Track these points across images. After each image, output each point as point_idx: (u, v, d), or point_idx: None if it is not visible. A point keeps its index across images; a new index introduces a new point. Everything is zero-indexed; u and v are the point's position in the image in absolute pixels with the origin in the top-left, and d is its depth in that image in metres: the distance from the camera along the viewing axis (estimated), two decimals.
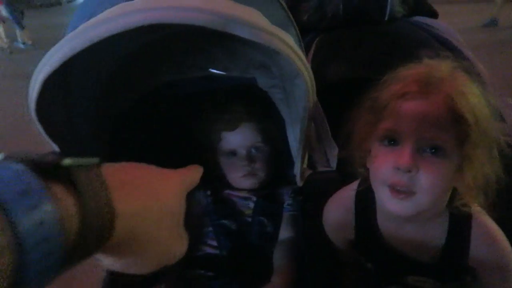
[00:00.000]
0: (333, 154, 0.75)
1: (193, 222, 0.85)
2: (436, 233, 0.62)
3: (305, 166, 0.72)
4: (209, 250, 0.81)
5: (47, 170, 0.26)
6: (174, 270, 0.78)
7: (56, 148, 0.54)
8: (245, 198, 0.87)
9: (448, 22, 0.95)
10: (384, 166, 0.58)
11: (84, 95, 0.67)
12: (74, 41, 0.42)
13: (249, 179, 0.87)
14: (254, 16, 0.46)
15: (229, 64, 0.87)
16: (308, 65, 0.54)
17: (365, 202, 0.67)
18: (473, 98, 0.54)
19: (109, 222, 0.29)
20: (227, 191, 0.88)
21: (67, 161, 0.27)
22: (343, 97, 0.78)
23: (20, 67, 5.02)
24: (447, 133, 0.54)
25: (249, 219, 0.84)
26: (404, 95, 0.56)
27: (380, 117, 0.60)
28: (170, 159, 0.91)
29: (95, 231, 0.28)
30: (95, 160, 0.30)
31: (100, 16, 0.44)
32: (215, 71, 0.89)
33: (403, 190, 0.56)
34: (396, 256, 0.64)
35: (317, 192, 0.76)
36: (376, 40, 0.91)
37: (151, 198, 0.34)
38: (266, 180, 0.89)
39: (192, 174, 0.45)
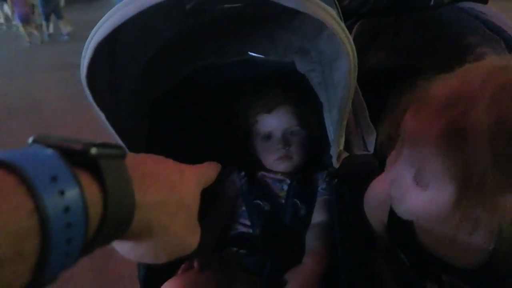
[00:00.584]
0: (371, 138, 0.73)
1: (227, 202, 0.87)
2: (477, 238, 0.55)
3: (341, 148, 0.71)
4: (242, 229, 0.82)
5: (74, 158, 0.26)
6: (208, 247, 0.80)
7: (103, 116, 0.56)
8: (279, 181, 0.88)
9: None
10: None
11: (127, 71, 0.70)
12: (125, 8, 0.44)
13: (283, 162, 0.87)
14: None
15: (269, 49, 0.88)
16: (351, 40, 0.53)
17: None
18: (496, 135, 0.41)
19: (130, 213, 0.29)
20: (261, 173, 0.89)
21: (94, 150, 0.27)
22: (382, 83, 0.77)
23: (62, 58, 5.27)
24: (438, 166, 0.45)
25: (283, 201, 0.84)
26: (416, 110, 0.50)
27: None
28: (206, 141, 0.94)
29: (116, 220, 0.28)
30: (120, 150, 0.30)
31: None
32: (254, 54, 0.90)
33: None
34: (428, 255, 0.60)
35: (353, 175, 0.76)
36: (419, 26, 0.88)
37: (169, 192, 0.35)
38: (301, 164, 0.89)
39: (209, 171, 0.47)
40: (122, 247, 0.34)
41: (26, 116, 3.28)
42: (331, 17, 0.48)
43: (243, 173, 0.89)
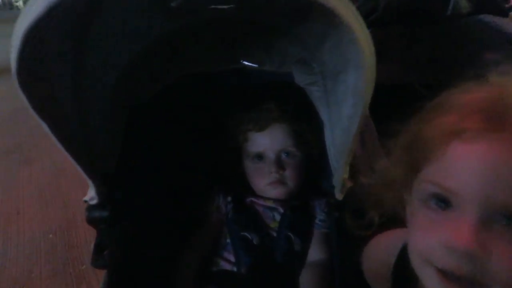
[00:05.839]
0: (380, 164, 0.63)
1: (210, 230, 0.77)
2: None
3: (346, 176, 0.60)
4: (226, 265, 0.72)
5: None
6: (186, 284, 0.69)
7: (46, 127, 0.44)
8: (271, 209, 0.77)
9: None
10: (430, 240, 0.41)
11: (100, 76, 0.61)
12: None
13: (276, 187, 0.77)
14: None
15: (264, 58, 0.80)
16: (370, 38, 0.43)
17: (408, 265, 0.48)
18: None
19: None
20: (250, 199, 0.79)
21: None
22: (392, 101, 0.68)
23: None
24: None
25: (274, 234, 0.74)
26: (462, 133, 0.39)
27: (423, 161, 0.43)
28: (189, 160, 0.84)
29: None
30: None
31: None
32: (247, 63, 0.81)
33: (462, 279, 0.39)
34: None
35: (358, 209, 0.65)
36: (435, 39, 0.80)
37: None
38: (296, 190, 0.79)
39: None
40: None
41: None
42: (345, 7, 0.38)
43: (229, 198, 0.78)
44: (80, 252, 1.43)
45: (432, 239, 0.41)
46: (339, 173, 0.60)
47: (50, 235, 1.52)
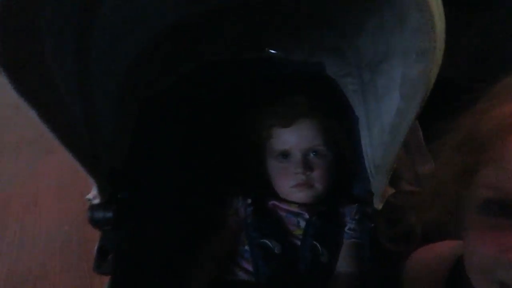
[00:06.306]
0: (425, 169, 0.55)
1: (226, 236, 0.70)
2: None
3: (387, 182, 0.52)
4: (242, 275, 0.65)
5: None
6: None
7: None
8: (295, 214, 0.70)
9: None
10: (490, 250, 0.36)
11: (110, 61, 0.55)
12: None
13: (302, 190, 0.70)
14: None
15: (292, 46, 0.74)
16: (441, 10, 0.34)
17: (464, 280, 0.43)
18: None
19: None
20: (273, 202, 0.72)
21: None
22: (437, 97, 0.60)
23: None
24: None
25: (298, 242, 0.67)
26: None
27: (479, 162, 0.38)
28: (206, 156, 0.77)
29: None
30: None
31: None
32: (274, 51, 0.75)
33: None
34: None
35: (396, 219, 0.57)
36: (493, 26, 0.71)
37: None
38: (324, 194, 0.72)
39: None
40: None
41: None
42: None
43: (249, 201, 0.72)
44: (95, 246, 1.41)
45: (493, 250, 0.35)
46: (380, 179, 0.52)
47: (66, 227, 1.50)
